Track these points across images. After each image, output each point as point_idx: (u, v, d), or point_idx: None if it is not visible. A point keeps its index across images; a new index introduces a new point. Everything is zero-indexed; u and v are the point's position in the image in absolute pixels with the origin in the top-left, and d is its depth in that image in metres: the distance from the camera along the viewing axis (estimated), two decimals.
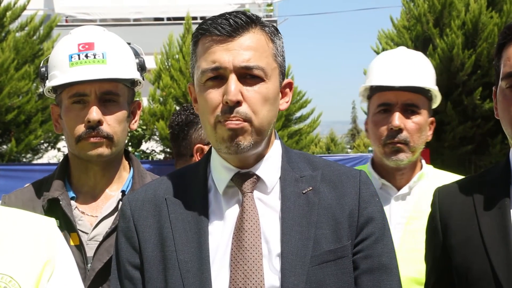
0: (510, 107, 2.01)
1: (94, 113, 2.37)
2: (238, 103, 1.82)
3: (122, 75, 2.44)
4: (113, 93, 2.42)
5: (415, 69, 2.91)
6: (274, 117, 1.91)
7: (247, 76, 1.84)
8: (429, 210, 2.82)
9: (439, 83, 3.06)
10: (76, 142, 2.41)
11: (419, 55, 3.08)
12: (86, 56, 2.42)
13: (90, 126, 2.38)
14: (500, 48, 2.07)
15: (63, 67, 2.43)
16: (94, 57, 2.42)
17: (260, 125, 1.85)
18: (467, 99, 11.44)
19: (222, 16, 1.88)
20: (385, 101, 2.88)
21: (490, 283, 1.96)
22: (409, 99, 2.87)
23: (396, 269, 1.91)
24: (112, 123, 2.41)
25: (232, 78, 1.83)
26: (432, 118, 2.97)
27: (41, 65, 2.54)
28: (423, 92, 2.90)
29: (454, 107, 11.49)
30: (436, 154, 11.67)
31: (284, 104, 1.97)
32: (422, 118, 2.88)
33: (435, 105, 3.00)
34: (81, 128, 2.39)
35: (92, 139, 2.39)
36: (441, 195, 2.19)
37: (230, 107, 1.82)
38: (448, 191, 2.19)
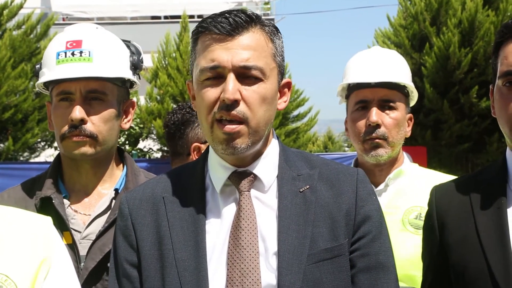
0: (507, 105, 2.01)
1: (77, 111, 2.35)
2: (236, 102, 1.82)
3: (108, 73, 2.40)
4: (99, 92, 2.39)
5: (390, 66, 2.96)
6: (272, 117, 1.91)
7: (246, 75, 1.84)
8: (404, 206, 2.85)
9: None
10: (61, 140, 2.40)
11: (394, 53, 3.14)
12: (73, 54, 2.39)
13: (73, 124, 2.36)
14: (497, 46, 2.07)
15: (50, 65, 2.41)
16: (80, 55, 2.38)
17: (257, 125, 1.85)
18: (464, 98, 11.44)
19: (222, 14, 1.87)
20: (362, 98, 2.93)
21: (487, 282, 1.96)
22: (386, 95, 2.91)
23: (393, 267, 1.91)
24: (96, 122, 2.38)
25: (231, 77, 1.82)
26: (410, 114, 3.02)
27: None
28: (399, 88, 2.95)
29: (450, 105, 11.49)
30: (433, 153, 11.68)
31: (282, 103, 1.97)
32: (399, 113, 2.93)
33: (413, 102, 3.05)
34: (65, 127, 2.38)
35: (74, 138, 2.37)
36: (437, 194, 2.19)
37: (227, 105, 1.82)
38: (445, 189, 2.19)
